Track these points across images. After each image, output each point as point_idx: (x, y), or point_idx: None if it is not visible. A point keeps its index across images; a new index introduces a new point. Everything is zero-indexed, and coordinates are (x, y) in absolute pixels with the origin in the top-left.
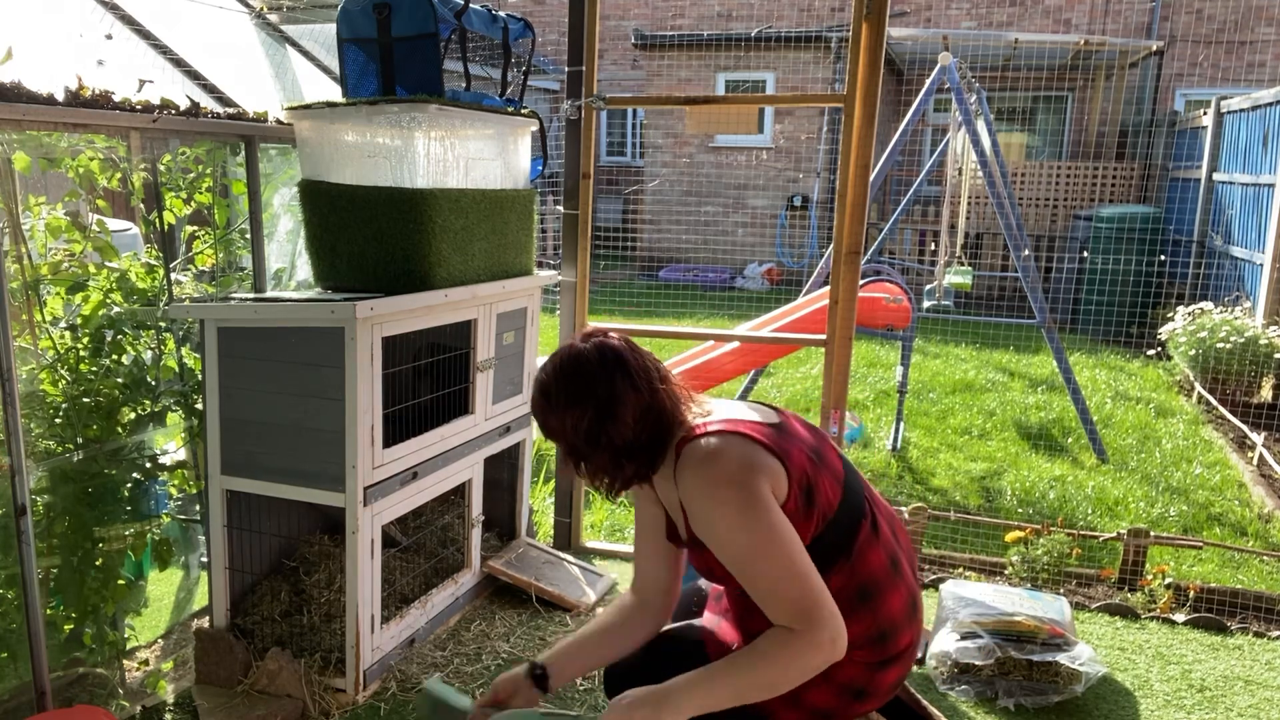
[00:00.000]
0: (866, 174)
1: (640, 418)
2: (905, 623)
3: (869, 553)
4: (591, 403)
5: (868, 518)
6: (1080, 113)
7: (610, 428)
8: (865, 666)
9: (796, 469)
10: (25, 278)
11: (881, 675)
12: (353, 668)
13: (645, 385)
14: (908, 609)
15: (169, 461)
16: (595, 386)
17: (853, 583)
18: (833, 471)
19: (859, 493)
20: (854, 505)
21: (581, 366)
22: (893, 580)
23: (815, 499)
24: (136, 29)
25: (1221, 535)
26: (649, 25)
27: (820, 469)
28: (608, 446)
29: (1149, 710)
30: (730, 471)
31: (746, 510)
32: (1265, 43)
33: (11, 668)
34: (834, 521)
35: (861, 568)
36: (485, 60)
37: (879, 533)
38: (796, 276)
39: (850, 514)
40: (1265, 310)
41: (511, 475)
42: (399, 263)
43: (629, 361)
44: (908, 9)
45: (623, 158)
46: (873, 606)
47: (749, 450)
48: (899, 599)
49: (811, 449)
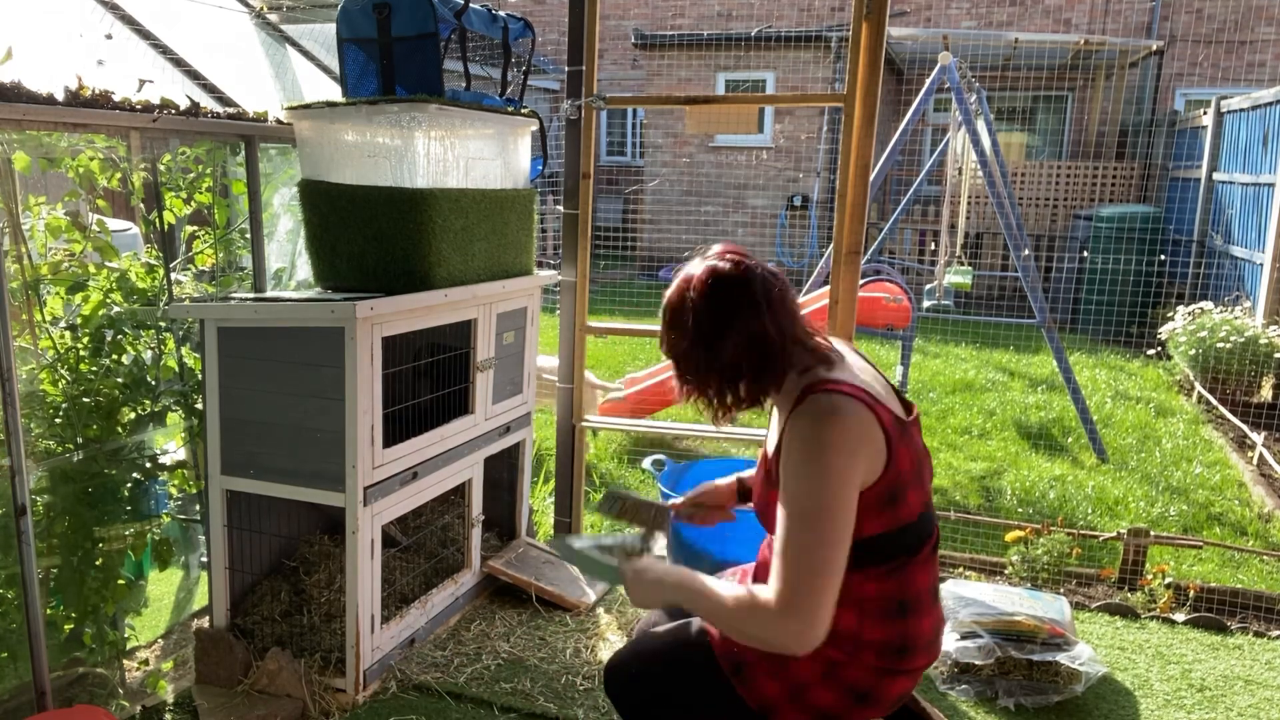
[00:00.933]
0: (866, 174)
1: (743, 347)
2: (926, 646)
3: (920, 572)
4: (694, 329)
5: (930, 542)
6: (1080, 112)
7: (710, 354)
8: (875, 671)
9: (895, 469)
10: (25, 278)
11: (888, 684)
12: (353, 668)
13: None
14: (932, 635)
15: (169, 461)
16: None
17: (897, 592)
18: (923, 489)
19: (933, 518)
20: (925, 526)
21: (684, 294)
22: (929, 606)
23: (898, 504)
24: (136, 29)
25: (1221, 535)
26: (649, 25)
27: (915, 481)
28: (710, 370)
29: (1149, 710)
30: (839, 431)
31: (828, 472)
32: (1265, 42)
33: (11, 668)
34: (903, 530)
35: (909, 582)
36: (485, 60)
37: (934, 560)
38: (796, 276)
39: (919, 531)
40: (1265, 310)
41: (511, 475)
42: (399, 263)
43: (739, 289)
44: (908, 9)
45: (623, 158)
46: (907, 621)
47: (869, 426)
48: (929, 623)
49: (917, 459)
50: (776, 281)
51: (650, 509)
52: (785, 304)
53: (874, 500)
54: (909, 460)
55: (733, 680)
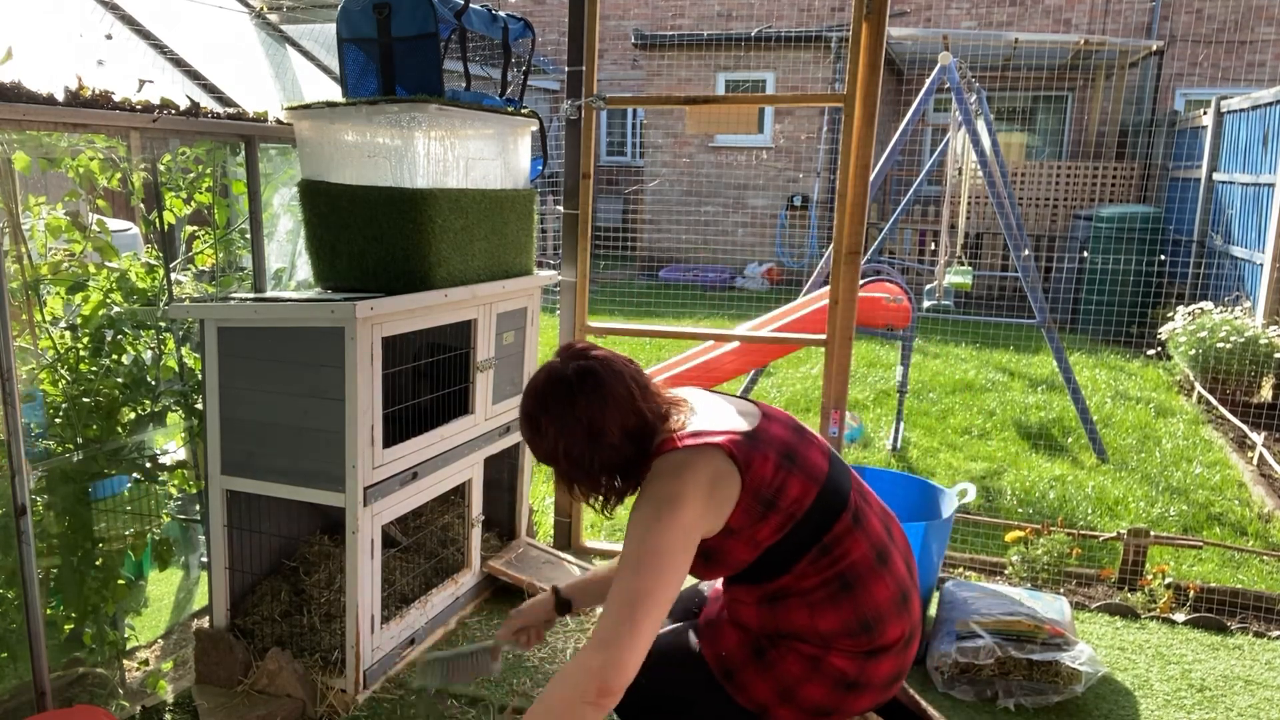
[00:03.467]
0: (866, 174)
1: (625, 436)
2: (893, 614)
3: (849, 543)
4: (578, 428)
5: (849, 510)
6: (1080, 113)
7: (599, 449)
8: (852, 656)
9: (754, 480)
10: (25, 278)
11: (873, 667)
12: (353, 668)
13: (628, 404)
14: (895, 601)
15: (169, 461)
16: (578, 411)
17: (832, 572)
18: (808, 472)
19: (842, 489)
20: (831, 501)
21: (563, 392)
22: (877, 572)
23: (779, 503)
24: (136, 29)
25: (1221, 535)
26: (649, 25)
27: (792, 471)
28: (599, 468)
29: (1149, 710)
30: (664, 488)
31: (654, 526)
32: (1265, 43)
33: (11, 668)
34: (804, 519)
35: (841, 557)
36: (485, 60)
37: (863, 525)
38: (796, 276)
39: (825, 509)
40: (1265, 310)
41: (511, 475)
42: (399, 263)
43: (607, 382)
44: (908, 9)
45: (623, 158)
46: (854, 595)
47: (700, 468)
48: (884, 590)
49: (785, 453)
50: (631, 368)
51: (471, 658)
52: (645, 384)
53: (750, 515)
54: (766, 461)
55: (725, 685)
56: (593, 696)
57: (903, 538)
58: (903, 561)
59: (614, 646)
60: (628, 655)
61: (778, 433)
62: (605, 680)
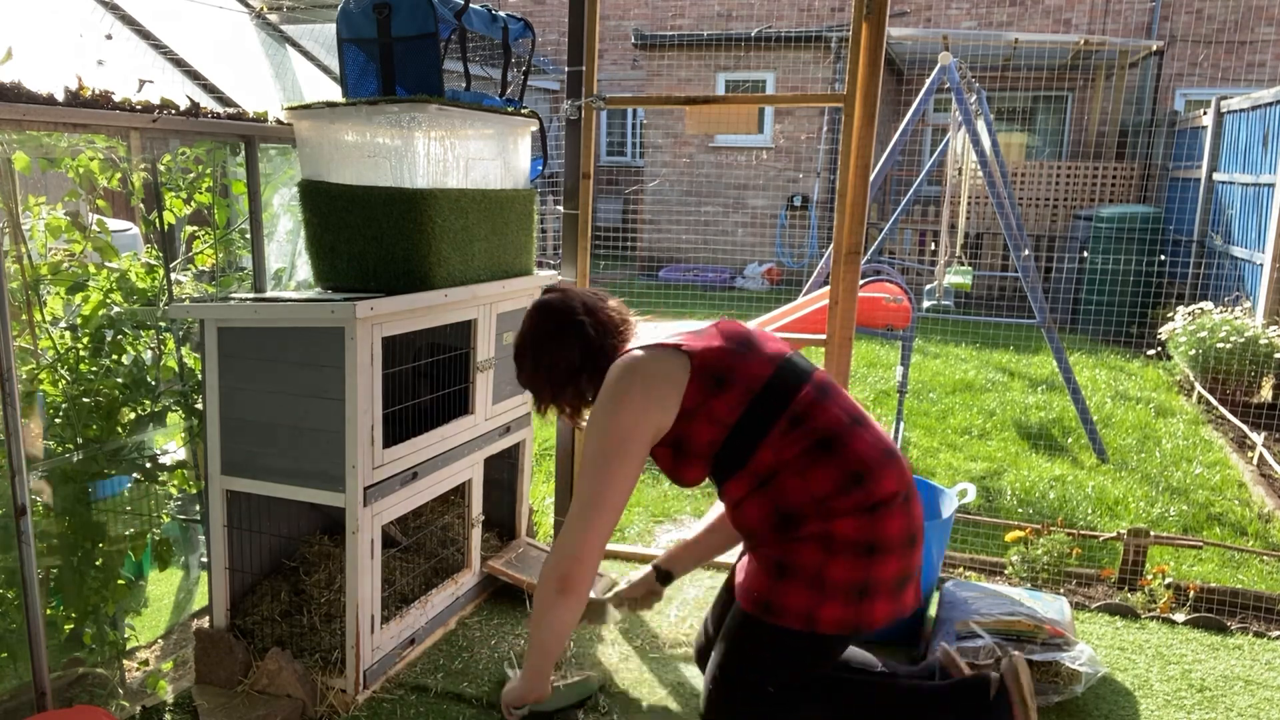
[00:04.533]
0: (866, 174)
1: (571, 349)
2: (880, 465)
3: (818, 411)
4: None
5: (811, 384)
6: (1080, 113)
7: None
8: (855, 515)
9: (703, 359)
10: (25, 278)
11: (881, 524)
12: (353, 668)
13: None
14: (879, 453)
15: (169, 461)
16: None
17: (809, 439)
18: (765, 355)
19: (801, 370)
20: (791, 377)
21: (524, 323)
22: (854, 430)
23: (732, 378)
24: (136, 29)
25: (1221, 535)
26: (649, 25)
27: (745, 354)
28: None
29: (1149, 710)
30: (614, 390)
31: (606, 426)
32: (1265, 43)
33: (11, 668)
34: (764, 392)
35: (811, 423)
36: (485, 60)
37: (831, 397)
38: (796, 276)
39: (785, 383)
40: (1265, 310)
41: (511, 475)
42: (399, 263)
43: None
44: (908, 9)
45: (623, 158)
46: (836, 452)
47: (648, 364)
48: (863, 443)
49: (740, 341)
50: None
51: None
52: (598, 310)
53: (703, 392)
54: (715, 345)
55: (766, 619)
56: (555, 588)
57: (886, 439)
58: (877, 429)
59: (568, 545)
60: (581, 550)
61: (733, 329)
62: (563, 573)
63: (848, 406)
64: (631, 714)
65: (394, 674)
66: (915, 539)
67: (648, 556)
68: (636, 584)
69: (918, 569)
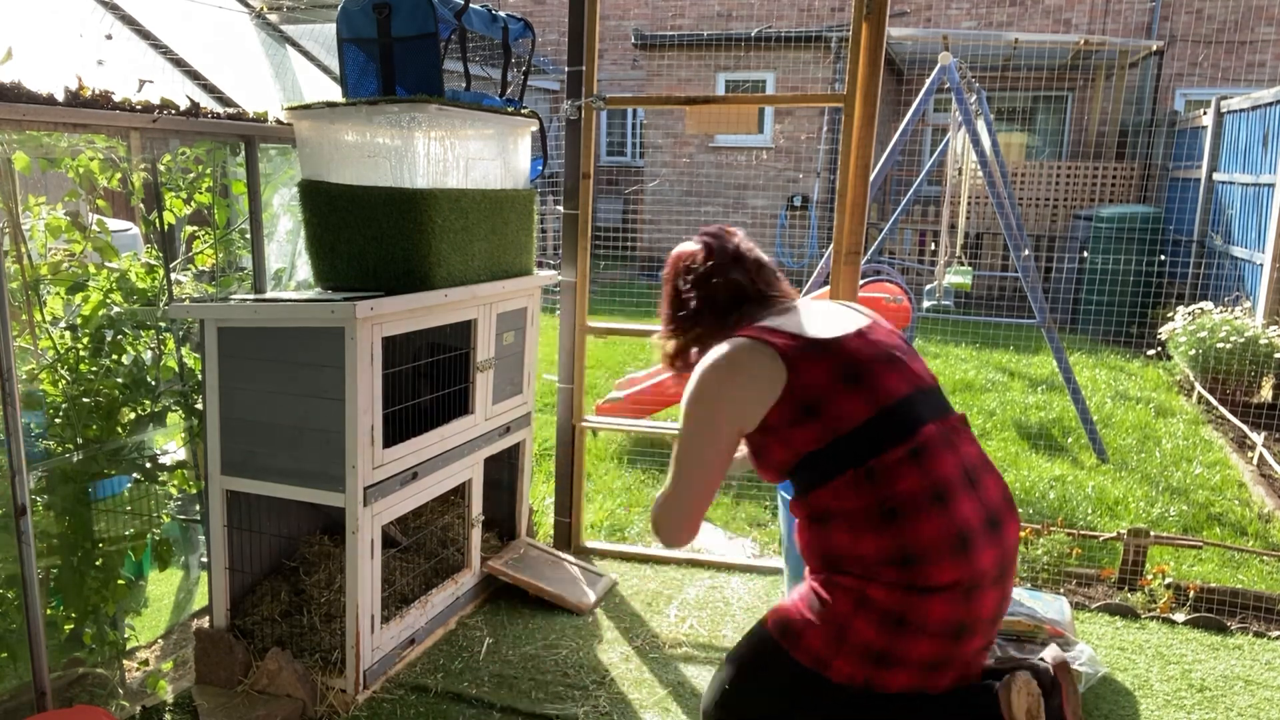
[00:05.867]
0: (866, 174)
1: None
2: (942, 555)
3: (897, 476)
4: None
5: (907, 445)
6: (1080, 113)
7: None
8: (893, 589)
9: (798, 384)
10: (25, 278)
11: (921, 606)
12: (353, 668)
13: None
14: (948, 542)
15: (169, 461)
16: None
17: (874, 498)
18: (873, 393)
19: (913, 421)
20: (890, 428)
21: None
22: (929, 509)
23: (821, 412)
24: (136, 29)
25: (1221, 535)
26: (649, 25)
27: (850, 388)
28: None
29: (1149, 710)
30: (701, 379)
31: (688, 414)
32: (1265, 43)
33: (11, 668)
34: (849, 436)
35: (886, 487)
36: (485, 60)
37: (925, 463)
38: (796, 276)
39: (879, 433)
40: (1265, 310)
41: (511, 475)
42: (399, 263)
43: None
44: (908, 9)
45: (623, 158)
46: (898, 526)
47: (744, 361)
48: (933, 528)
49: (851, 369)
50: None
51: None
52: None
53: (786, 418)
54: (822, 370)
55: (782, 643)
56: (654, 527)
57: (998, 492)
58: (977, 514)
59: (664, 496)
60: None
61: (858, 348)
62: (656, 518)
63: (939, 477)
64: (631, 714)
65: (394, 674)
66: (966, 631)
67: (647, 556)
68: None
69: (963, 659)
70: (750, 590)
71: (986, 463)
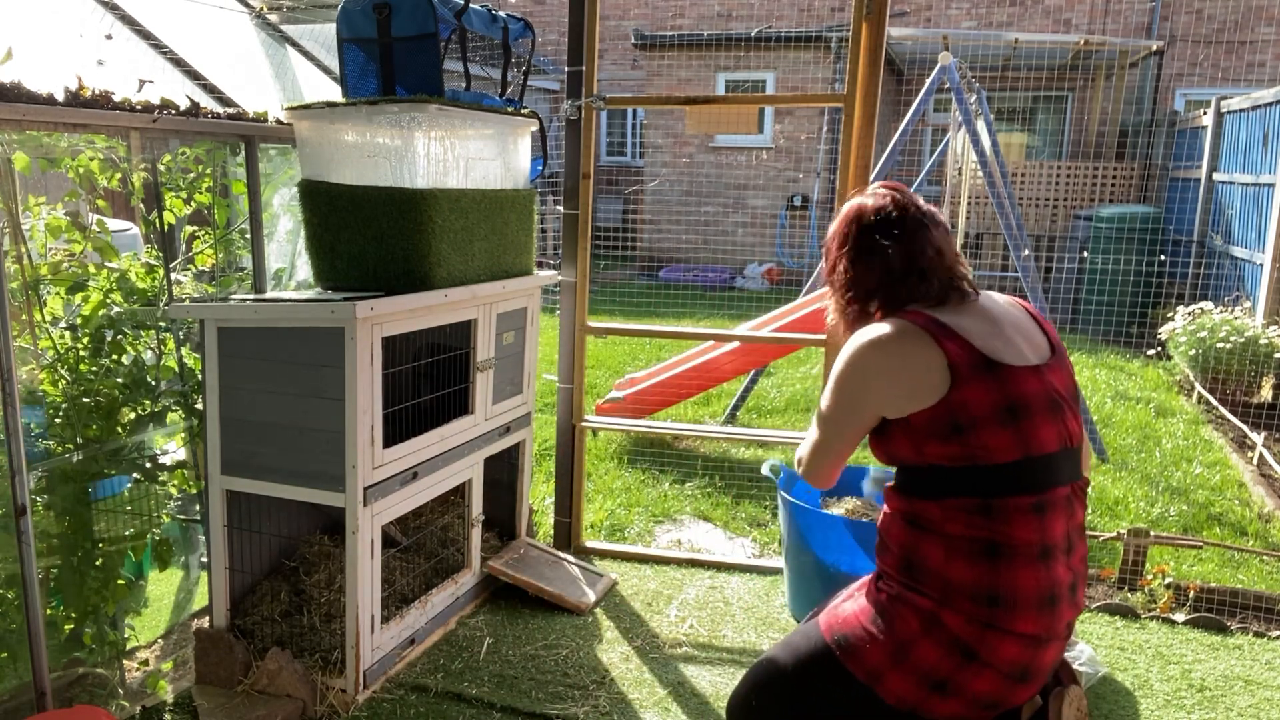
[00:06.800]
0: (866, 174)
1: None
2: (1030, 607)
3: (1016, 521)
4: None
5: (1036, 497)
6: (1080, 113)
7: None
8: (969, 620)
9: (958, 400)
10: (25, 278)
11: (994, 641)
12: (353, 668)
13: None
14: (1039, 597)
15: (169, 461)
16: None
17: (983, 534)
18: (1025, 438)
19: (1050, 478)
20: (1028, 477)
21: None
22: (1032, 562)
23: (969, 437)
24: (136, 29)
25: (1221, 535)
26: (649, 25)
27: (1005, 425)
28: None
29: (1149, 710)
30: (859, 353)
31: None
32: (1265, 43)
33: (11, 668)
34: (985, 470)
35: (1001, 525)
36: (485, 60)
37: (1043, 520)
38: (796, 276)
39: (1015, 478)
40: (1265, 310)
41: (511, 475)
42: (399, 263)
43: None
44: (908, 9)
45: (623, 158)
46: (996, 565)
47: (912, 352)
48: (1031, 582)
49: (1012, 404)
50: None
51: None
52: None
53: (930, 425)
54: (984, 399)
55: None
56: (798, 464)
57: (1081, 564)
58: (1067, 577)
59: (806, 446)
60: (809, 454)
61: (1029, 385)
62: (801, 459)
63: (1050, 536)
64: (631, 714)
65: (394, 674)
66: (1028, 677)
67: (647, 556)
68: None
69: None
70: (750, 590)
71: (1083, 529)
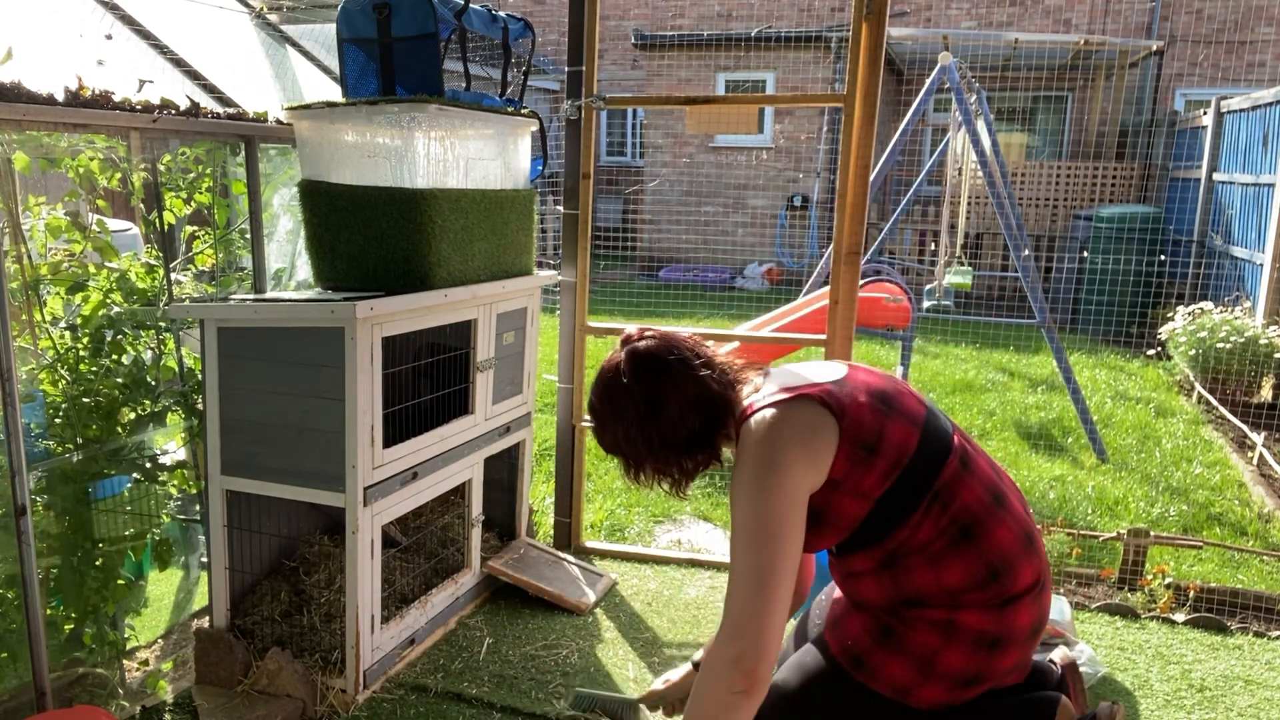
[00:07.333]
0: (866, 174)
1: (686, 407)
2: (1020, 557)
3: (961, 489)
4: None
5: (955, 454)
6: (1080, 113)
7: (659, 426)
8: (986, 609)
9: (853, 424)
10: (25, 278)
11: (1011, 617)
12: (353, 668)
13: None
14: (1020, 543)
15: (169, 461)
16: (632, 393)
17: (948, 521)
18: (909, 416)
19: (943, 434)
20: (935, 446)
21: (614, 377)
22: (996, 514)
23: (881, 447)
24: (136, 29)
25: (1221, 535)
26: (649, 25)
27: (891, 416)
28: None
29: (1149, 710)
30: (764, 448)
31: (762, 490)
32: (1265, 43)
33: (11, 668)
34: (911, 465)
35: (955, 505)
36: (485, 60)
37: (972, 469)
38: (796, 276)
39: (930, 455)
40: (1265, 310)
41: (511, 475)
42: (399, 263)
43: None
44: (908, 9)
45: (623, 158)
46: (976, 542)
47: (798, 418)
48: (1007, 533)
49: (879, 397)
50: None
51: (619, 705)
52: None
53: (853, 461)
54: (861, 406)
55: (855, 674)
56: (741, 686)
57: (1013, 483)
58: (1018, 503)
59: (748, 631)
60: (764, 636)
61: (868, 379)
62: (747, 667)
63: (988, 480)
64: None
65: (394, 674)
66: (1040, 629)
67: (647, 556)
68: (676, 685)
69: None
70: None
71: (994, 461)
